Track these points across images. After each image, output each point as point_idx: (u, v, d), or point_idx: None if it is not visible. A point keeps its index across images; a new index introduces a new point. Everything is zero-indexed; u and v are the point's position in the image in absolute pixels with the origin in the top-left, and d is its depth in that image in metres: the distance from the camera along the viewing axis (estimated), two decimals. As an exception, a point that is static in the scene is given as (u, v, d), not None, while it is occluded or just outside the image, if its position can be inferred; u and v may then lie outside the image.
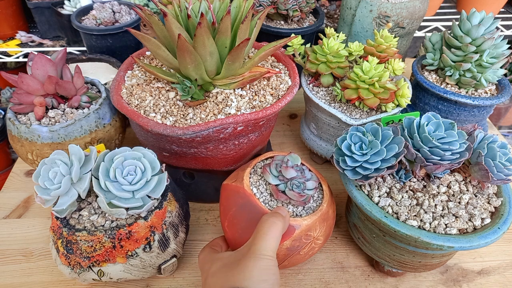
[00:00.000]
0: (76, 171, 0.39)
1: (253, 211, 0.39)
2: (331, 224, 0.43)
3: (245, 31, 0.43)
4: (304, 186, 0.39)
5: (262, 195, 0.41)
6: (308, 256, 0.41)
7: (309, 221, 0.39)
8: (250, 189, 0.41)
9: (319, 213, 0.40)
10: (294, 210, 0.41)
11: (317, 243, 0.40)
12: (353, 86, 0.51)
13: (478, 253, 0.52)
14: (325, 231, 0.41)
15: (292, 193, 0.39)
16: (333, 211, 0.43)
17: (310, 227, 0.39)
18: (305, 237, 0.39)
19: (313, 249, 0.41)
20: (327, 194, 0.42)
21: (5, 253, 0.50)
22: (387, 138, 0.39)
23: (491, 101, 0.55)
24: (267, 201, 0.41)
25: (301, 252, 0.39)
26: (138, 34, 0.43)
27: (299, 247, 0.39)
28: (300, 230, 0.38)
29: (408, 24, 0.65)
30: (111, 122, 0.52)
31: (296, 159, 0.42)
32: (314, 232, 0.39)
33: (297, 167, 0.41)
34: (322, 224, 0.40)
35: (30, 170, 0.63)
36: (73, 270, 0.41)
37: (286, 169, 0.40)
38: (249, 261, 0.33)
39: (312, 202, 0.42)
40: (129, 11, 0.77)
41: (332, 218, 0.43)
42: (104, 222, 0.40)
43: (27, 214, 0.55)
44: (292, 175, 0.40)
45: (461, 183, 0.42)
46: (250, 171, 0.44)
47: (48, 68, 0.47)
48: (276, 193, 0.40)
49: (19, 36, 0.93)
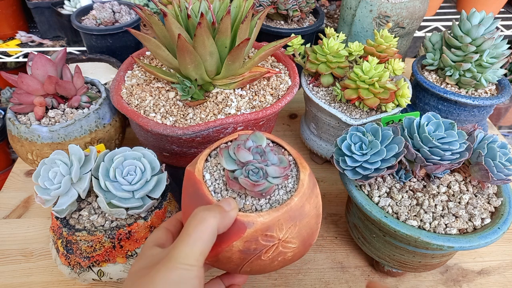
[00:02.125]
0: (76, 171, 0.39)
1: (199, 202, 0.32)
2: (310, 224, 0.33)
3: (245, 31, 0.43)
4: (263, 173, 0.31)
5: (216, 182, 0.34)
6: (279, 263, 0.33)
7: (267, 218, 0.29)
8: (201, 174, 0.33)
9: (284, 209, 0.30)
10: (254, 204, 0.32)
11: (288, 247, 0.31)
12: (353, 86, 0.51)
13: (478, 253, 0.52)
14: (300, 232, 0.31)
15: (244, 181, 0.30)
16: (315, 207, 0.33)
17: (269, 226, 0.30)
18: (264, 238, 0.30)
19: (285, 255, 0.32)
20: (304, 185, 0.32)
21: (5, 253, 0.50)
22: (387, 138, 0.39)
23: (491, 101, 0.55)
24: (220, 191, 0.33)
25: (264, 257, 0.31)
26: (138, 34, 0.43)
27: (257, 250, 0.30)
28: (253, 229, 0.29)
29: (408, 24, 0.65)
30: (111, 122, 0.52)
31: (260, 139, 0.33)
32: (278, 232, 0.30)
33: (258, 148, 0.32)
34: (291, 223, 0.31)
35: (30, 170, 0.63)
36: (73, 270, 0.41)
37: (239, 151, 0.31)
38: (158, 272, 0.25)
39: (283, 194, 0.33)
40: (129, 11, 0.77)
41: (313, 217, 0.33)
42: (104, 222, 0.40)
43: (27, 214, 0.55)
44: (247, 158, 0.31)
45: (461, 183, 0.42)
46: (210, 153, 0.36)
47: (48, 68, 0.47)
48: (228, 180, 0.32)
49: (19, 36, 0.93)
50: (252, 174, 0.31)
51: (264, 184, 0.31)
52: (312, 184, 0.33)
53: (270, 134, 0.36)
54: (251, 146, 0.32)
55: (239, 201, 0.32)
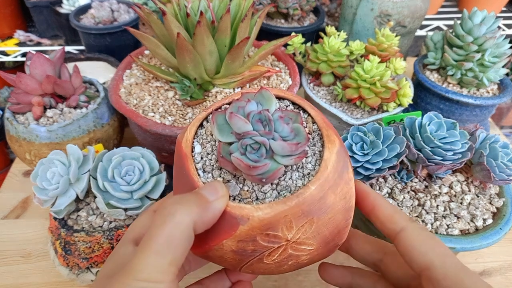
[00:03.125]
0: (74, 171, 0.39)
1: (184, 183, 0.24)
2: (336, 221, 0.24)
3: (245, 30, 0.43)
4: (267, 150, 0.22)
5: (207, 157, 0.25)
6: (291, 267, 0.25)
7: (268, 212, 0.21)
8: (190, 145, 0.25)
9: (293, 201, 0.21)
10: (255, 190, 0.23)
11: (301, 249, 0.24)
12: (354, 86, 0.50)
13: (480, 254, 0.51)
14: (319, 231, 0.23)
15: (237, 160, 0.21)
16: (345, 197, 0.23)
17: (271, 223, 0.22)
18: (264, 238, 0.22)
19: (298, 258, 0.24)
20: (327, 167, 0.23)
21: (3, 254, 0.49)
22: (389, 138, 0.38)
23: (493, 101, 0.54)
24: (211, 169, 0.24)
25: (267, 260, 0.24)
26: (136, 33, 0.43)
27: (257, 252, 0.23)
28: (248, 227, 0.21)
29: (409, 23, 0.65)
30: (109, 121, 0.51)
31: (267, 100, 0.24)
32: (286, 231, 0.22)
33: (260, 114, 0.22)
34: (305, 220, 0.22)
35: (28, 170, 0.62)
36: (71, 271, 0.40)
37: (232, 118, 0.22)
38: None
39: (298, 178, 0.23)
40: (127, 9, 0.77)
41: (340, 211, 0.23)
42: (103, 223, 0.40)
43: (25, 215, 0.55)
44: (243, 128, 0.22)
45: (463, 184, 0.42)
46: (207, 117, 0.27)
47: (46, 68, 0.46)
48: (219, 157, 0.23)
49: (17, 35, 0.92)
50: (251, 151, 0.22)
51: (267, 165, 0.22)
52: (341, 165, 0.23)
53: (290, 93, 0.28)
54: (251, 111, 0.23)
55: (234, 186, 0.23)
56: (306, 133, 0.23)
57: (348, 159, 0.24)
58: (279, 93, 0.28)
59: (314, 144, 0.25)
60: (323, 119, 0.26)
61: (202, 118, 0.27)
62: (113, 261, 0.22)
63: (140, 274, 0.18)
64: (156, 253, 0.19)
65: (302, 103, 0.27)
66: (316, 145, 0.25)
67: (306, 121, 0.26)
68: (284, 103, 0.27)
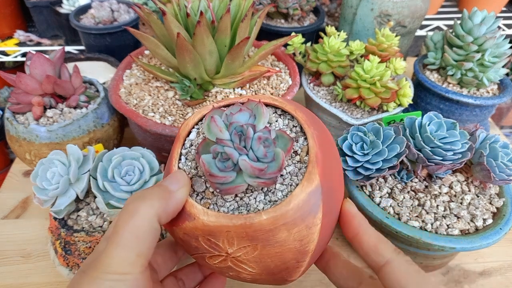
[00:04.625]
0: (74, 171, 0.39)
1: (169, 162, 0.25)
2: (284, 258, 0.22)
3: (245, 30, 0.43)
4: (233, 165, 0.22)
5: (196, 147, 0.25)
6: (235, 277, 0.24)
7: (211, 221, 0.21)
8: (188, 130, 0.25)
9: (239, 222, 0.21)
10: (218, 196, 0.23)
11: (242, 267, 0.23)
12: (354, 86, 0.50)
13: (480, 254, 0.51)
14: (262, 260, 0.22)
15: (201, 161, 0.22)
16: (300, 239, 0.21)
17: (213, 232, 0.21)
18: (206, 241, 0.22)
19: (239, 273, 0.23)
20: (290, 203, 0.21)
21: (3, 254, 0.49)
22: (389, 138, 0.38)
23: (493, 101, 0.54)
24: (192, 159, 0.25)
25: (209, 261, 0.23)
26: (137, 33, 0.43)
27: (199, 250, 0.23)
28: (192, 225, 0.22)
29: (409, 23, 0.65)
30: (109, 121, 0.51)
31: (258, 116, 0.23)
32: (226, 245, 0.22)
33: (241, 127, 0.22)
34: (248, 243, 0.21)
35: (28, 170, 0.62)
36: (71, 271, 0.40)
37: (211, 122, 0.22)
38: (81, 285, 0.20)
39: (261, 199, 0.22)
40: (127, 9, 0.77)
41: (291, 251, 0.22)
42: (103, 223, 0.40)
43: (25, 215, 0.55)
44: (218, 135, 0.22)
45: (463, 184, 0.42)
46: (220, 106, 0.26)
47: (46, 68, 0.46)
48: (196, 152, 0.23)
49: (17, 35, 0.92)
50: (220, 159, 0.21)
51: (227, 178, 0.21)
52: (309, 207, 0.21)
53: (302, 113, 0.25)
54: (234, 122, 0.22)
55: (201, 184, 0.23)
56: (282, 162, 0.21)
57: (327, 204, 0.22)
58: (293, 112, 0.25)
59: (296, 175, 0.23)
60: (319, 153, 0.23)
61: (209, 108, 0.26)
62: (89, 257, 0.23)
63: (108, 268, 0.19)
64: (123, 246, 0.19)
65: (308, 129, 0.24)
66: (298, 177, 0.23)
67: (302, 149, 0.24)
68: (293, 122, 0.26)
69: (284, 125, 0.25)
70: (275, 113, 0.26)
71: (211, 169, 0.21)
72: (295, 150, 0.24)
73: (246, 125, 0.22)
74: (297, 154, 0.24)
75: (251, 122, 0.22)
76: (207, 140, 0.23)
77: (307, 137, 0.24)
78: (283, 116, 0.26)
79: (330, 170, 0.23)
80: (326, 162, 0.23)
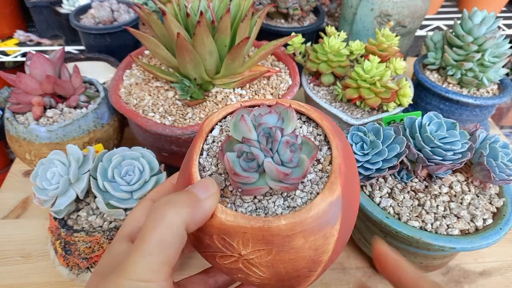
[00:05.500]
0: (74, 171, 0.39)
1: (188, 157, 0.24)
2: (296, 265, 0.22)
3: (245, 30, 0.43)
4: (257, 166, 0.21)
5: (219, 144, 0.25)
6: (242, 280, 0.24)
7: (229, 221, 0.21)
8: (211, 126, 0.25)
9: (257, 225, 0.20)
10: (237, 196, 0.23)
11: (252, 270, 0.22)
12: (354, 86, 0.50)
13: (480, 254, 0.51)
14: (274, 265, 0.22)
15: (226, 160, 0.21)
16: (315, 248, 0.21)
17: (229, 232, 0.21)
18: (220, 240, 0.22)
19: (248, 276, 0.23)
20: (310, 212, 0.21)
21: (3, 254, 0.49)
22: (389, 138, 0.38)
23: (493, 101, 0.54)
24: (214, 155, 0.24)
25: (219, 261, 0.23)
26: (137, 33, 0.43)
27: (211, 248, 0.23)
28: (209, 222, 0.21)
29: (409, 23, 0.65)
30: (109, 121, 0.51)
31: (287, 120, 0.23)
32: (241, 246, 0.21)
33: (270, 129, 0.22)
34: (263, 246, 0.21)
35: (29, 170, 0.62)
36: (71, 271, 0.40)
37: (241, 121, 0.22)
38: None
39: (281, 204, 0.22)
40: (127, 9, 0.77)
41: (304, 258, 0.22)
42: (102, 223, 0.40)
43: (25, 215, 0.55)
44: (246, 135, 0.22)
45: (463, 184, 0.42)
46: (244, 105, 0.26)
47: (46, 68, 0.46)
48: (219, 149, 0.23)
49: (17, 35, 0.92)
50: (245, 159, 0.21)
51: (250, 179, 0.21)
52: (328, 218, 0.21)
53: (327, 120, 0.25)
54: (263, 123, 0.22)
55: (220, 182, 0.23)
56: (307, 169, 0.21)
57: (345, 216, 0.22)
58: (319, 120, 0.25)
59: (317, 183, 0.23)
60: (343, 164, 0.22)
61: (236, 107, 0.26)
62: (107, 259, 0.22)
63: (133, 274, 0.19)
64: (148, 253, 0.19)
65: (333, 139, 0.24)
66: (319, 186, 0.22)
67: (325, 159, 0.24)
68: (317, 131, 0.25)
69: (308, 132, 0.25)
70: (300, 119, 0.26)
71: (235, 167, 0.21)
72: (317, 159, 0.24)
73: (275, 128, 0.21)
74: (319, 162, 0.24)
75: (279, 125, 0.22)
76: (231, 138, 0.23)
77: (332, 147, 0.24)
78: (307, 123, 0.26)
79: (351, 183, 0.23)
80: (348, 175, 0.23)
